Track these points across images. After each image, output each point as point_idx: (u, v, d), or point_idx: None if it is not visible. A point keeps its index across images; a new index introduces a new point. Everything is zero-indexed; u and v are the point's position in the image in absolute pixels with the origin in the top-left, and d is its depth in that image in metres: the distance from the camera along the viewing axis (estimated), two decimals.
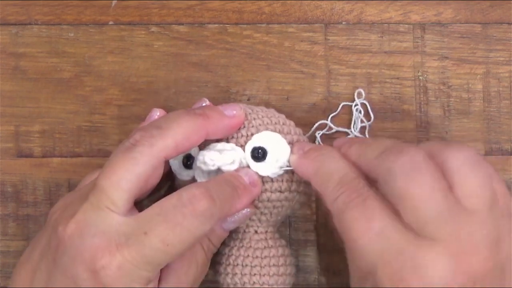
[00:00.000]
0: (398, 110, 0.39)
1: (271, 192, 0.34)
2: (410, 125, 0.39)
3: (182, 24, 0.39)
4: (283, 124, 0.35)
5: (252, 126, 0.34)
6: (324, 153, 0.32)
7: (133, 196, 0.30)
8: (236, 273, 0.34)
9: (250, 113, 0.34)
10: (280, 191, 0.34)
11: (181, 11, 0.39)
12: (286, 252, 0.35)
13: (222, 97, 0.39)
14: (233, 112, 0.33)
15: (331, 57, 0.39)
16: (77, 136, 0.39)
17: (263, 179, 0.34)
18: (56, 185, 0.39)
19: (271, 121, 0.34)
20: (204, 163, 0.32)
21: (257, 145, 0.33)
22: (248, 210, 0.34)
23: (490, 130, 0.39)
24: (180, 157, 0.34)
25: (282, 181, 0.34)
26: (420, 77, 0.39)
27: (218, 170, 0.33)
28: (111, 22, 0.39)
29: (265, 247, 0.35)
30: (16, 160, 0.39)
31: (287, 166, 0.34)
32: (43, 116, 0.39)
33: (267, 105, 0.39)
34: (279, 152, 0.34)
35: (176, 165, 0.34)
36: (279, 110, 0.36)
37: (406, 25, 0.39)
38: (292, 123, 0.35)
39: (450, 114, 0.39)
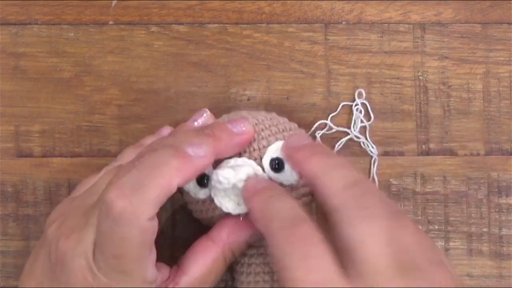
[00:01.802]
0: (398, 110, 0.39)
1: (296, 199, 0.34)
2: (410, 125, 0.39)
3: (182, 24, 0.39)
4: (290, 129, 0.34)
5: (262, 138, 0.33)
6: (273, 194, 0.30)
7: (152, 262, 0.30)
8: (258, 281, 0.34)
9: (256, 124, 0.34)
10: (304, 195, 0.34)
11: (181, 11, 0.39)
12: None
13: (222, 97, 0.39)
14: (242, 128, 0.32)
15: (331, 57, 0.39)
16: (77, 136, 0.39)
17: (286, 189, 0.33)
18: (56, 185, 0.39)
19: (279, 129, 0.34)
20: (219, 182, 0.32)
21: (274, 156, 0.33)
22: (256, 233, 0.33)
23: (490, 130, 0.39)
24: None
25: (302, 186, 0.34)
26: (420, 77, 0.39)
27: (234, 186, 0.32)
28: (111, 22, 0.39)
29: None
30: (16, 160, 0.39)
31: None
32: (43, 116, 0.39)
33: (267, 105, 0.39)
34: None
35: (190, 185, 0.34)
36: (279, 110, 0.36)
37: (406, 25, 0.39)
38: (295, 125, 0.35)
39: (450, 114, 0.39)
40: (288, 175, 0.33)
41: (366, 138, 0.39)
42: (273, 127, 0.34)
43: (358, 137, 0.39)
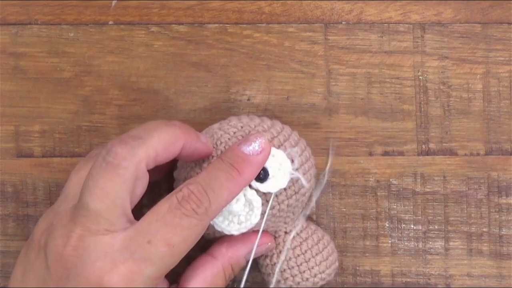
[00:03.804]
0: (398, 110, 0.39)
1: (288, 198, 0.34)
2: (410, 125, 0.39)
3: (182, 24, 0.39)
4: (276, 135, 0.34)
5: None
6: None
7: (128, 210, 0.31)
8: (287, 278, 0.35)
9: (229, 138, 0.34)
10: (296, 193, 0.34)
11: (181, 11, 0.39)
12: (320, 234, 0.36)
13: (222, 97, 0.39)
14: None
15: (331, 57, 0.39)
16: (77, 136, 0.39)
17: (277, 193, 0.34)
18: (56, 185, 0.39)
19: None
20: (227, 230, 0.33)
21: None
22: (269, 244, 0.35)
23: (490, 130, 0.39)
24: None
25: (293, 184, 0.34)
26: (420, 77, 0.39)
27: (228, 209, 0.33)
28: (111, 22, 0.39)
29: (301, 243, 0.35)
30: (16, 160, 0.39)
31: (292, 171, 0.34)
32: (43, 116, 0.39)
33: (267, 105, 0.39)
34: (279, 163, 0.33)
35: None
36: (279, 110, 0.36)
37: (406, 25, 0.39)
38: (279, 126, 0.35)
39: (450, 114, 0.39)
40: (275, 182, 0.33)
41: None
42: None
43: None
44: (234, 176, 0.32)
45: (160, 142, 0.31)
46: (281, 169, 0.33)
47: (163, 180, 0.37)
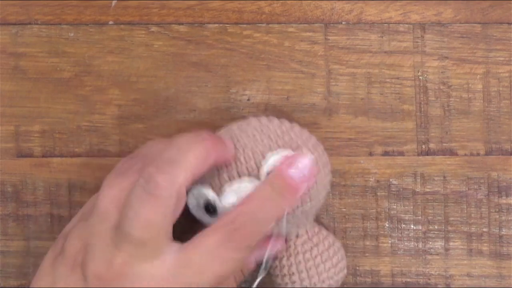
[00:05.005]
0: (398, 110, 0.39)
1: (303, 205, 0.34)
2: (410, 125, 0.39)
3: (182, 24, 0.39)
4: (283, 136, 0.34)
5: (258, 154, 0.33)
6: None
7: (171, 233, 0.31)
8: (295, 282, 0.35)
9: (248, 141, 0.34)
10: (311, 200, 0.34)
11: (181, 11, 0.39)
12: (331, 240, 0.36)
13: (222, 97, 0.39)
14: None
15: (331, 57, 0.39)
16: (77, 136, 0.39)
17: None
18: (56, 185, 0.39)
19: (272, 139, 0.34)
20: (225, 208, 0.32)
21: (270, 169, 0.33)
22: (279, 246, 0.35)
23: (490, 130, 0.39)
24: (198, 201, 0.34)
25: (308, 190, 0.34)
26: (420, 77, 0.39)
27: None
28: (111, 22, 0.39)
29: (311, 248, 0.35)
30: (16, 160, 0.39)
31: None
32: (43, 116, 0.39)
33: (267, 105, 0.39)
34: None
35: (199, 212, 0.34)
36: (279, 110, 0.36)
37: (406, 25, 0.39)
38: (288, 126, 0.35)
39: (450, 114, 0.39)
40: None
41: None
42: (265, 140, 0.34)
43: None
44: (283, 206, 0.32)
45: (196, 163, 0.31)
46: None
47: None
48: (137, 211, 0.30)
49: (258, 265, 0.35)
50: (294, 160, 0.33)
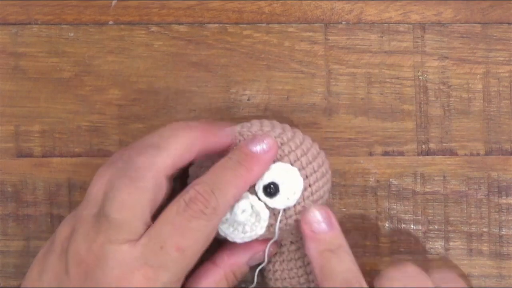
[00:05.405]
0: (398, 110, 0.39)
1: (296, 214, 0.34)
2: (410, 125, 0.39)
3: (182, 24, 0.39)
4: (282, 143, 0.34)
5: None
6: (334, 250, 0.33)
7: (148, 219, 0.31)
8: (293, 277, 0.35)
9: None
10: (300, 211, 0.34)
11: (181, 11, 0.39)
12: None
13: (222, 97, 0.39)
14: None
15: (331, 57, 0.39)
16: (77, 136, 0.39)
17: (286, 208, 0.34)
18: (56, 185, 0.39)
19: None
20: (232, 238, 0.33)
21: (267, 182, 0.33)
22: (271, 249, 0.34)
23: (490, 130, 0.39)
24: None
25: (303, 200, 0.34)
26: (420, 77, 0.39)
27: (233, 219, 0.33)
28: (111, 22, 0.39)
29: (305, 255, 0.34)
30: (16, 160, 0.39)
31: (300, 199, 0.34)
32: (43, 116, 0.39)
33: (267, 105, 0.39)
34: (291, 181, 0.33)
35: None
36: (279, 110, 0.36)
37: (406, 25, 0.39)
38: (305, 140, 0.35)
39: (450, 114, 0.39)
40: (284, 199, 0.33)
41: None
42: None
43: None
44: (242, 174, 0.32)
45: (177, 149, 0.31)
46: (292, 187, 0.33)
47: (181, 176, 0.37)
48: (115, 193, 0.30)
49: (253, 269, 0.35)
50: (254, 138, 0.33)
